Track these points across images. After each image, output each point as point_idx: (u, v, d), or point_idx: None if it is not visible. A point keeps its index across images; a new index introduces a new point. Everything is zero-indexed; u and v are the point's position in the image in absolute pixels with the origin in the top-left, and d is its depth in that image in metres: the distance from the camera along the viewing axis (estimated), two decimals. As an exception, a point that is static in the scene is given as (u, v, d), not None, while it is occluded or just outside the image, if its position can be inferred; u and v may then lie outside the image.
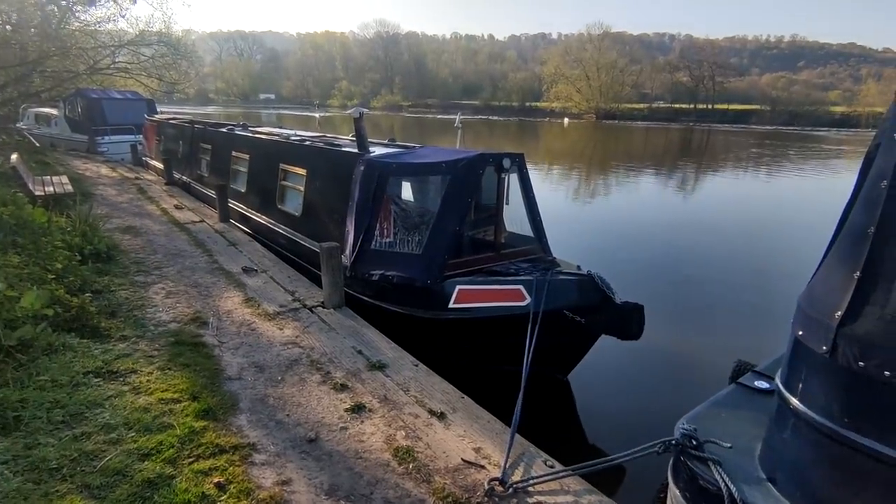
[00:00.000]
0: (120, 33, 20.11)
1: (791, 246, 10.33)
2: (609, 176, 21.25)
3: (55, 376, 3.22)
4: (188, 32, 41.35)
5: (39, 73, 14.91)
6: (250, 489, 2.52)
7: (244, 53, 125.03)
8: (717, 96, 72.97)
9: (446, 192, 4.96)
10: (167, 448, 2.73)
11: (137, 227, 7.67)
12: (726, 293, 7.70)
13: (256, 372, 3.70)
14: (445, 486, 2.62)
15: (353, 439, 2.99)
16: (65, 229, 5.87)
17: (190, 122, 11.48)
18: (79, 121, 17.34)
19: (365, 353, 4.05)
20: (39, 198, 7.36)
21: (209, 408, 3.14)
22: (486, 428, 3.17)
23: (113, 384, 3.32)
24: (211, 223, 8.16)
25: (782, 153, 31.22)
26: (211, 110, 63.15)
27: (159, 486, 2.46)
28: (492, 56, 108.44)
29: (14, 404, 2.85)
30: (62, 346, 3.57)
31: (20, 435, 2.70)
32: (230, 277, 5.67)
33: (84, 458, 2.59)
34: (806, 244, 9.87)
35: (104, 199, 9.65)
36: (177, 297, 4.99)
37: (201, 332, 4.27)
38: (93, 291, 4.71)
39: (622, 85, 75.69)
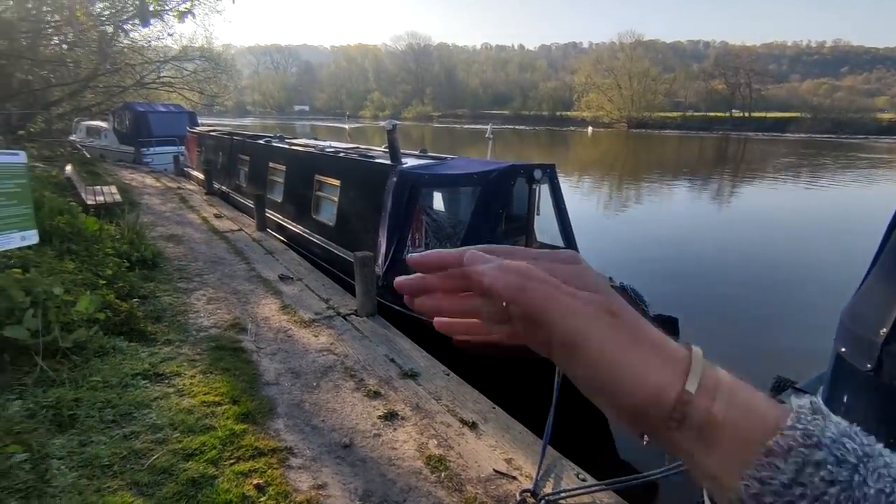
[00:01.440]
0: (165, 49, 21.12)
1: (833, 258, 9.96)
2: (641, 186, 20.93)
3: (106, 377, 3.39)
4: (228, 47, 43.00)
5: (91, 89, 15.74)
6: (288, 492, 2.60)
7: (280, 66, 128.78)
8: (755, 104, 71.07)
9: (477, 203, 5.02)
10: (210, 449, 2.84)
11: (180, 235, 7.98)
12: (764, 307, 7.48)
13: (293, 377, 3.81)
14: (477, 496, 2.64)
15: (386, 446, 3.05)
16: (114, 237, 6.16)
17: (229, 134, 11.91)
18: (126, 133, 18.17)
19: (397, 361, 4.12)
20: (91, 207, 7.75)
21: (248, 411, 3.26)
22: (517, 439, 3.18)
23: (159, 386, 3.47)
24: (249, 232, 8.42)
25: (823, 163, 30.13)
26: (248, 122, 65.16)
27: (203, 486, 2.56)
28: (522, 66, 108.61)
29: (70, 403, 3.02)
30: (112, 349, 3.76)
31: (75, 432, 2.85)
32: (267, 285, 5.84)
33: (133, 456, 2.73)
34: (848, 257, 9.50)
35: (149, 208, 10.08)
36: (217, 304, 5.18)
37: (240, 338, 4.42)
38: (140, 297, 4.94)
39: (654, 93, 74.62)
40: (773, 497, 0.26)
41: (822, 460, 0.26)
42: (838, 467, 0.26)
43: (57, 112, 16.34)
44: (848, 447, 0.27)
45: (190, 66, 22.73)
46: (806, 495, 0.26)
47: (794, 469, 0.26)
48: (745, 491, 0.27)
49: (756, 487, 0.27)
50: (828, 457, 0.26)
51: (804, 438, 0.27)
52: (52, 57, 12.84)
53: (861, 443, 0.27)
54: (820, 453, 0.26)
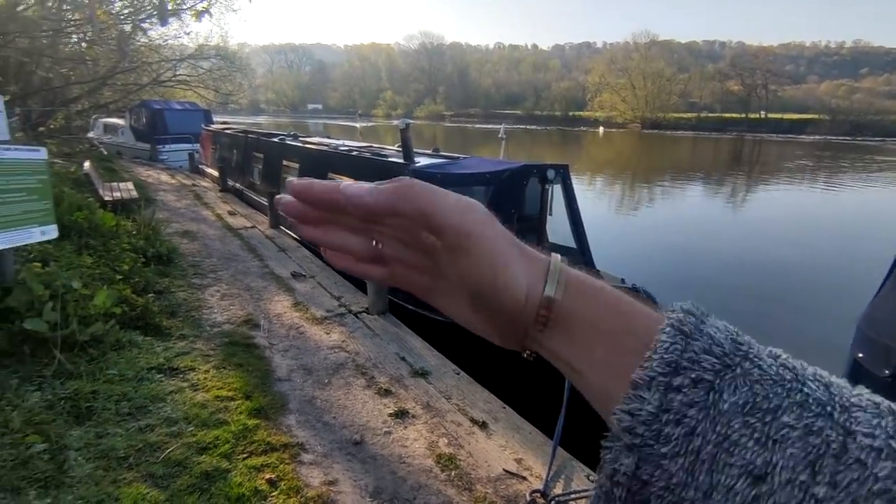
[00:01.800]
0: (181, 48, 21.38)
1: (847, 264, 9.80)
2: (654, 187, 20.76)
3: (122, 371, 3.44)
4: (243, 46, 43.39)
5: (109, 86, 15.98)
6: (299, 487, 2.62)
7: (294, 65, 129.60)
8: (771, 105, 70.10)
9: (489, 203, 5.02)
10: (223, 443, 2.88)
11: (194, 231, 8.07)
12: (778, 312, 7.39)
13: (304, 374, 3.85)
14: (487, 496, 2.65)
15: (396, 444, 3.06)
16: (130, 233, 6.25)
17: (243, 132, 12.02)
18: (142, 130, 18.41)
19: (408, 359, 4.14)
20: (108, 202, 7.87)
21: (261, 407, 3.29)
22: (527, 439, 3.18)
23: (173, 380, 3.52)
24: (262, 229, 8.50)
25: (841, 166, 29.64)
26: (262, 120, 65.67)
27: (216, 479, 2.60)
28: (535, 65, 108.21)
29: (87, 395, 3.07)
30: (128, 343, 3.82)
31: (92, 424, 2.90)
32: (280, 282, 5.89)
33: (148, 448, 2.77)
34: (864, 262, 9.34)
35: (164, 204, 10.21)
36: (231, 300, 5.24)
37: (253, 334, 4.47)
38: (155, 292, 5.00)
39: (669, 94, 73.97)
40: (645, 427, 0.27)
41: (680, 384, 0.27)
42: (695, 388, 0.27)
43: (76, 109, 16.61)
44: (706, 365, 0.27)
45: (205, 65, 22.98)
46: (670, 420, 0.27)
47: (658, 397, 0.27)
48: (618, 425, 0.28)
49: (627, 420, 0.28)
50: (685, 380, 0.27)
51: (664, 367, 0.28)
52: (71, 55, 13.06)
53: (723, 353, 0.28)
54: (678, 378, 0.27)
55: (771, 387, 0.26)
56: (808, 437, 0.24)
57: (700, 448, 0.26)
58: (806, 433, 0.25)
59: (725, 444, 0.26)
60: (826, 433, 0.24)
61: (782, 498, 0.24)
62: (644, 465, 0.27)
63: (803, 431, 0.25)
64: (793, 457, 0.24)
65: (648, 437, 0.27)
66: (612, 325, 0.32)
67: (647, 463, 0.27)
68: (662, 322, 0.30)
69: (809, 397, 0.26)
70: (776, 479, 0.24)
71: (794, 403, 0.26)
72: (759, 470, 0.25)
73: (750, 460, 0.25)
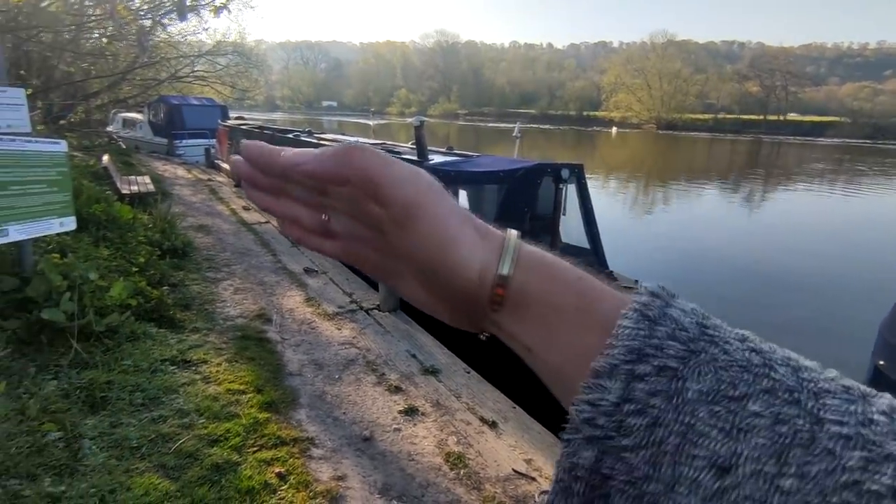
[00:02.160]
0: (199, 44, 21.60)
1: (867, 269, 9.61)
2: (669, 189, 20.54)
3: (136, 362, 3.49)
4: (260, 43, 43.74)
5: (129, 81, 16.21)
6: (308, 481, 2.63)
7: (310, 62, 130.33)
8: (790, 107, 68.96)
9: (502, 201, 5.00)
10: (234, 436, 2.90)
11: (209, 225, 8.15)
12: (796, 317, 7.27)
13: (315, 369, 3.86)
14: (496, 495, 2.63)
15: (405, 441, 3.06)
16: (147, 226, 6.33)
17: (259, 128, 12.10)
18: (160, 125, 18.64)
19: (418, 357, 4.13)
20: (126, 196, 7.98)
21: (272, 401, 3.31)
22: (536, 440, 3.16)
23: (186, 372, 3.55)
24: (276, 224, 8.51)
25: (861, 170, 29.07)
26: (277, 116, 66.20)
27: (226, 472, 2.61)
28: (550, 65, 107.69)
29: (102, 385, 3.11)
30: (143, 335, 3.87)
31: (106, 414, 2.94)
32: (293, 277, 5.93)
33: (160, 439, 2.80)
34: (884, 268, 9.15)
35: (180, 198, 10.33)
36: (244, 294, 5.28)
37: (265, 328, 4.49)
38: (170, 285, 5.06)
39: (685, 94, 73.14)
40: (606, 418, 0.26)
41: (644, 373, 0.26)
42: (658, 377, 0.26)
43: (96, 103, 16.87)
44: (670, 352, 0.26)
45: (223, 61, 23.20)
46: (632, 411, 0.25)
47: (620, 387, 0.26)
48: (577, 416, 0.27)
49: (588, 411, 0.26)
50: (648, 368, 0.26)
51: (626, 354, 0.26)
52: (92, 50, 13.27)
53: (688, 338, 0.27)
54: (641, 366, 0.26)
55: (738, 373, 0.25)
56: (775, 427, 0.23)
57: (664, 439, 0.25)
58: (773, 422, 0.24)
59: (690, 435, 0.24)
60: (794, 421, 0.23)
61: (748, 490, 0.23)
62: (605, 458, 0.26)
63: (771, 420, 0.24)
64: (759, 447, 0.23)
65: (610, 428, 0.26)
66: (572, 304, 0.30)
67: (608, 456, 0.26)
68: (627, 305, 0.29)
69: (778, 384, 0.25)
70: (741, 470, 0.23)
71: (761, 390, 0.25)
72: (724, 461, 0.23)
73: (715, 451, 0.24)
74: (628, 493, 0.25)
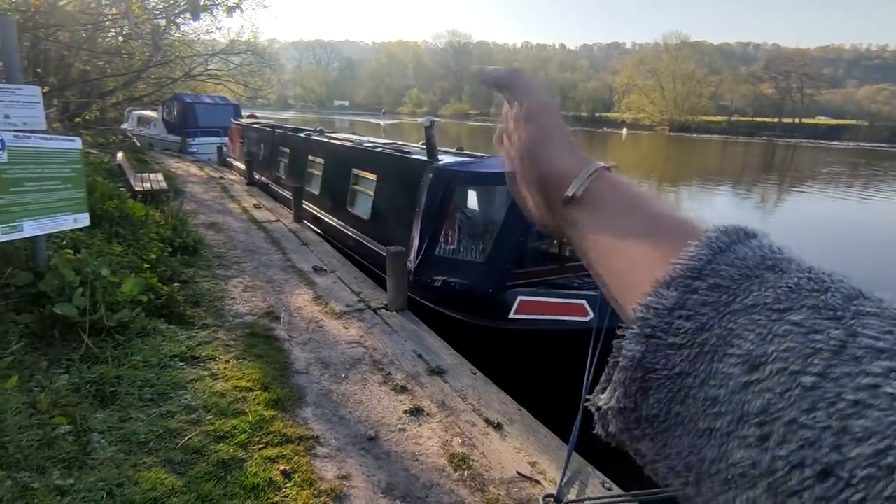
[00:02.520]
0: (213, 43, 21.78)
1: (882, 272, 9.45)
2: (682, 191, 20.36)
3: (146, 357, 3.53)
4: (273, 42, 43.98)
5: (143, 79, 16.40)
6: (313, 480, 2.65)
7: (322, 62, 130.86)
8: (806, 109, 67.94)
9: (512, 202, 4.97)
10: (240, 433, 2.92)
11: (220, 223, 8.23)
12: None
13: (322, 368, 3.88)
14: (500, 498, 2.63)
15: (410, 441, 3.07)
16: (159, 223, 6.40)
17: (271, 127, 12.19)
18: (174, 123, 18.84)
19: (425, 357, 4.14)
20: (139, 193, 8.07)
21: (278, 398, 3.33)
22: (542, 443, 3.14)
23: (195, 369, 3.59)
24: (286, 223, 8.61)
25: (873, 173, 28.59)
26: (289, 115, 66.56)
27: (232, 468, 2.64)
28: (563, 65, 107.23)
29: (112, 380, 3.15)
30: (153, 330, 3.91)
31: (115, 408, 2.98)
32: (301, 275, 5.96)
33: (168, 434, 2.83)
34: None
35: (192, 196, 10.43)
36: (253, 292, 5.32)
37: (273, 326, 4.52)
38: (180, 281, 5.11)
39: (699, 96, 72.35)
40: (658, 319, 0.29)
41: (699, 287, 0.29)
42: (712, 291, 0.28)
43: (111, 101, 17.09)
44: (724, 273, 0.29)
45: (236, 60, 23.36)
46: (682, 315, 0.28)
47: (676, 295, 0.29)
48: (634, 313, 0.30)
49: (643, 311, 0.30)
50: (703, 283, 0.29)
51: (686, 271, 0.29)
52: (108, 49, 13.43)
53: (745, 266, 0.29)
54: (698, 282, 0.29)
55: (786, 292, 0.27)
56: (809, 335, 0.25)
57: (706, 341, 0.28)
58: (809, 331, 0.25)
59: (729, 338, 0.27)
60: (829, 332, 0.24)
61: (770, 384, 0.24)
62: (650, 353, 0.29)
63: (807, 330, 0.25)
64: (789, 349, 0.25)
65: (659, 328, 0.29)
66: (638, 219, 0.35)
67: (653, 352, 0.29)
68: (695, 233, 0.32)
69: (824, 303, 0.26)
70: (769, 367, 0.25)
71: (804, 306, 0.26)
72: (754, 360, 0.25)
73: (748, 350, 0.26)
74: (666, 386, 0.28)
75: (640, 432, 0.30)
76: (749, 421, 0.25)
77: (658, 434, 0.29)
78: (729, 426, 0.25)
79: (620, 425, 0.31)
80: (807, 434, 0.23)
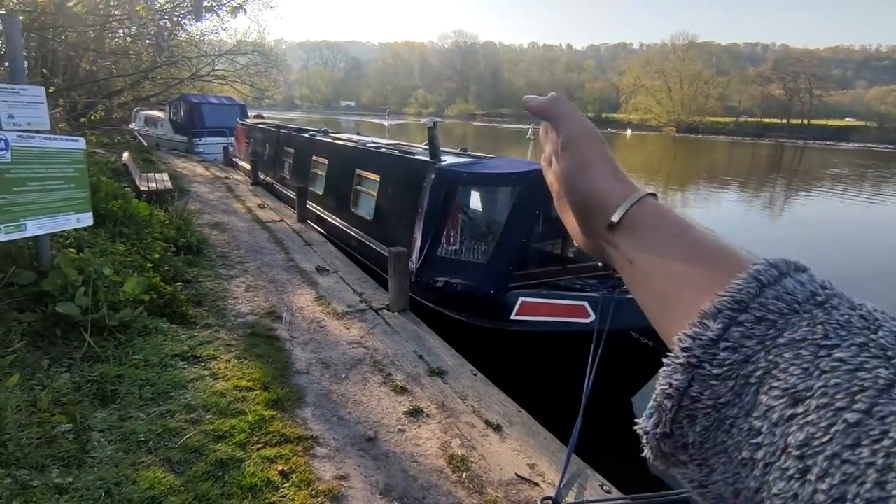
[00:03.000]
0: (219, 44, 21.90)
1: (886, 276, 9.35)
2: (688, 192, 20.25)
3: (147, 356, 3.54)
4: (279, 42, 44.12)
5: (150, 80, 16.52)
6: (311, 480, 2.64)
7: (328, 62, 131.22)
8: (814, 111, 67.37)
9: (515, 204, 4.96)
10: (239, 433, 2.92)
11: (224, 223, 8.26)
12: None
13: (323, 368, 3.88)
14: (498, 500, 2.61)
15: (409, 442, 3.06)
16: (163, 222, 6.43)
17: (276, 127, 12.23)
18: (180, 123, 18.95)
19: (426, 358, 4.13)
20: (144, 192, 8.12)
21: (278, 398, 3.33)
22: (542, 444, 3.13)
23: (195, 368, 3.60)
24: (290, 223, 8.63)
25: (881, 175, 28.32)
26: (296, 115, 66.76)
27: (230, 468, 2.64)
28: (569, 66, 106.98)
29: (113, 379, 3.17)
30: (155, 330, 3.93)
31: (115, 407, 2.99)
32: (304, 276, 5.97)
33: (167, 434, 2.84)
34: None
35: (197, 195, 10.48)
36: (255, 291, 5.33)
37: (275, 326, 4.53)
38: (183, 281, 5.13)
39: (706, 97, 71.91)
40: (702, 350, 0.30)
41: (745, 320, 0.29)
42: (757, 325, 0.29)
43: (119, 101, 17.22)
44: (772, 307, 0.29)
45: (243, 60, 23.49)
46: (727, 347, 0.29)
47: (720, 327, 0.30)
48: (679, 344, 0.31)
49: (688, 342, 0.30)
50: (749, 317, 0.29)
51: (732, 303, 0.30)
52: (115, 49, 13.54)
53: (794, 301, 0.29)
54: (744, 315, 0.29)
55: (833, 328, 0.27)
56: (856, 372, 0.25)
57: (751, 374, 0.28)
58: (855, 369, 0.25)
59: (774, 371, 0.27)
60: (877, 371, 0.24)
61: (814, 418, 0.25)
62: (695, 383, 0.30)
63: (853, 367, 0.25)
64: (836, 386, 0.25)
65: (704, 359, 0.29)
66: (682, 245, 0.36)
67: (698, 382, 0.30)
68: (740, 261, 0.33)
69: (873, 342, 0.26)
70: (813, 402, 0.25)
71: (853, 344, 0.26)
72: (799, 394, 0.26)
73: (792, 384, 0.26)
74: (711, 416, 0.29)
75: (688, 457, 0.31)
76: (791, 453, 0.25)
77: (704, 460, 0.30)
78: (770, 457, 0.26)
79: (668, 450, 0.32)
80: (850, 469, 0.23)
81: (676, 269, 0.35)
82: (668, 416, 0.31)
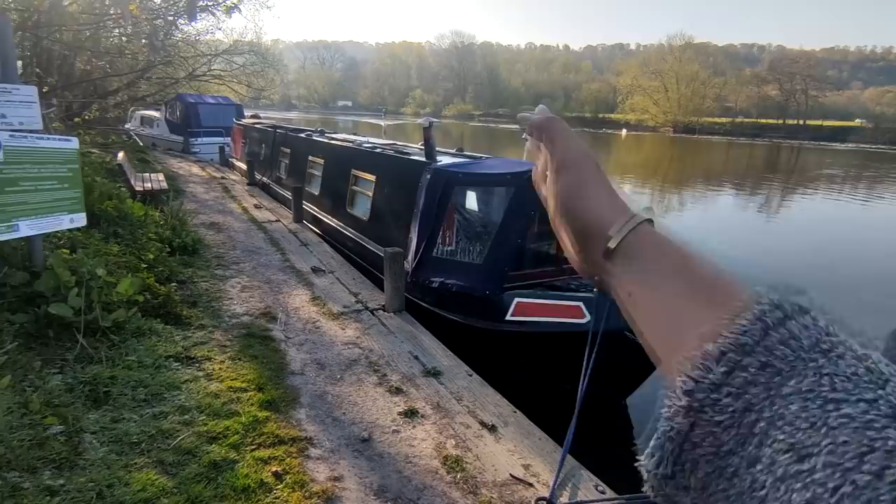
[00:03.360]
0: (216, 43, 21.83)
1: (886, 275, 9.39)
2: (684, 192, 20.30)
3: (141, 358, 3.52)
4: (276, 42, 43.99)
5: (146, 80, 16.45)
6: (304, 481, 2.63)
7: (326, 62, 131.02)
8: (810, 111, 67.63)
9: (510, 204, 4.96)
10: (232, 434, 2.91)
11: (220, 223, 8.24)
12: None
13: (318, 369, 3.87)
14: (492, 500, 2.61)
15: (404, 443, 3.05)
16: (158, 223, 6.41)
17: (272, 127, 12.20)
18: (176, 123, 18.90)
19: (421, 358, 4.12)
20: (139, 193, 8.08)
21: (272, 399, 3.32)
22: (536, 445, 3.13)
23: (189, 369, 3.58)
24: (286, 223, 8.61)
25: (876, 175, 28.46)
26: (293, 115, 66.63)
27: (223, 469, 2.63)
28: (566, 66, 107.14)
29: (106, 380, 3.15)
30: (149, 331, 3.91)
31: (108, 409, 2.98)
32: (300, 276, 5.96)
33: (161, 435, 2.82)
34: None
35: (193, 196, 10.46)
36: (250, 292, 5.31)
37: (270, 327, 4.52)
38: (178, 282, 5.11)
39: (703, 98, 72.10)
40: (704, 394, 0.29)
41: (749, 364, 0.28)
42: (762, 371, 0.28)
43: (114, 101, 17.14)
44: (777, 353, 0.28)
45: (239, 60, 23.40)
46: (730, 393, 0.28)
47: (723, 371, 0.29)
48: (681, 386, 0.30)
49: (690, 384, 0.30)
50: (753, 361, 0.28)
51: (737, 347, 0.29)
52: (111, 48, 13.47)
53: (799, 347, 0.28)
54: (748, 359, 0.29)
55: (841, 381, 0.26)
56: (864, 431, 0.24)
57: (754, 423, 0.27)
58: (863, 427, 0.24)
59: (778, 422, 0.26)
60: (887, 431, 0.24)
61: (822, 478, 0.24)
62: (697, 428, 0.29)
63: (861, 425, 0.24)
64: (844, 444, 0.24)
65: (706, 403, 0.29)
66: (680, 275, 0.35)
67: (700, 427, 0.29)
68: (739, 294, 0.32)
69: (882, 398, 0.25)
70: (819, 460, 0.24)
71: (861, 399, 0.25)
72: (805, 450, 0.25)
73: (799, 440, 0.25)
74: (714, 463, 0.29)
75: (689, 500, 0.31)
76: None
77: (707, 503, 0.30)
78: None
79: (670, 491, 0.31)
80: None
81: (673, 303, 0.35)
82: (669, 459, 0.30)
